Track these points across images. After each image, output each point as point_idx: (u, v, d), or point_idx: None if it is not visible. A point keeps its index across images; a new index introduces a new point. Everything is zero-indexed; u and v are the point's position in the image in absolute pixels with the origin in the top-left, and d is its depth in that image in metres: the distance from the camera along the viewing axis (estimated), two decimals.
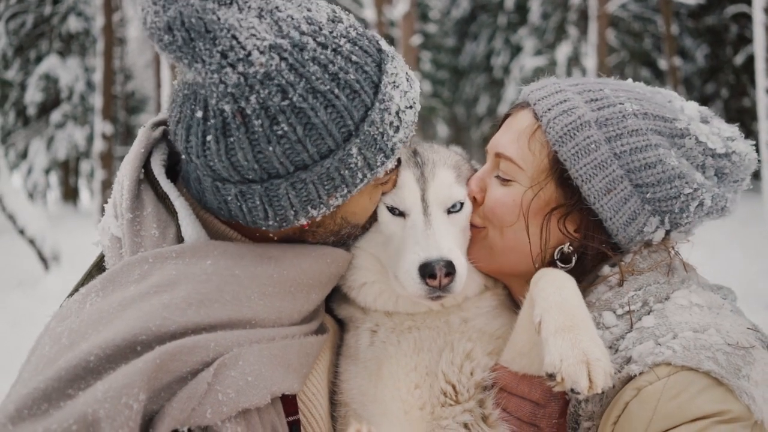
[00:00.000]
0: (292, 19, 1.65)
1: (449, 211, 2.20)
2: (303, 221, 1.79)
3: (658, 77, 29.88)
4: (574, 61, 29.16)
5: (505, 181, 2.16)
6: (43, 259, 14.77)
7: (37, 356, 1.53)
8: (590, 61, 21.97)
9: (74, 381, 1.38)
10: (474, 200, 2.26)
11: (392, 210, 2.18)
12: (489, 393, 2.03)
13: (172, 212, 1.86)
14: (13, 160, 33.07)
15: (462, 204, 2.22)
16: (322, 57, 1.65)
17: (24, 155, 33.64)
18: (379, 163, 1.76)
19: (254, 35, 1.59)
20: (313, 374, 2.00)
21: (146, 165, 1.94)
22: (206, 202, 1.86)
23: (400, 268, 2.05)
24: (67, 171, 37.36)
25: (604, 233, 2.05)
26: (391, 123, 1.75)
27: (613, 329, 1.88)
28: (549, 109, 2.07)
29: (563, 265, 2.09)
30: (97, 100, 24.22)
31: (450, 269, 1.99)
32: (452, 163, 2.29)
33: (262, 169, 1.68)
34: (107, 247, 1.88)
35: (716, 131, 2.03)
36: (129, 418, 1.35)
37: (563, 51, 29.14)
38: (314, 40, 1.66)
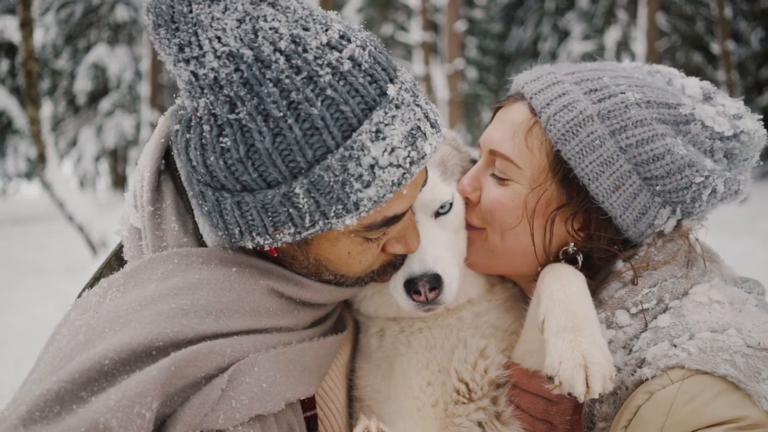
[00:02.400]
0: (275, 32, 1.53)
1: (438, 213, 2.05)
2: (249, 245, 1.69)
3: (711, 62, 29.27)
4: (624, 45, 28.71)
5: (502, 181, 2.03)
6: (92, 246, 15.03)
7: (54, 348, 1.51)
8: (639, 45, 21.61)
9: (88, 384, 1.36)
10: (468, 200, 2.13)
11: None
12: (502, 390, 1.99)
13: (188, 208, 1.81)
14: (63, 148, 33.98)
15: (451, 204, 2.08)
16: (287, 81, 1.50)
17: (74, 143, 34.49)
18: (333, 214, 1.58)
19: (219, 38, 1.51)
20: (331, 369, 1.98)
21: (168, 156, 1.88)
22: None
23: (389, 283, 1.99)
24: (116, 159, 38.11)
25: (613, 230, 1.95)
26: (360, 176, 1.54)
27: (627, 329, 1.81)
28: (548, 105, 1.94)
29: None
30: (144, 89, 24.73)
31: (435, 283, 1.91)
32: (436, 159, 2.11)
33: (211, 176, 1.62)
34: (126, 237, 1.85)
35: (721, 110, 1.91)
36: (141, 427, 1.33)
37: (612, 35, 28.72)
38: (287, 60, 1.52)
